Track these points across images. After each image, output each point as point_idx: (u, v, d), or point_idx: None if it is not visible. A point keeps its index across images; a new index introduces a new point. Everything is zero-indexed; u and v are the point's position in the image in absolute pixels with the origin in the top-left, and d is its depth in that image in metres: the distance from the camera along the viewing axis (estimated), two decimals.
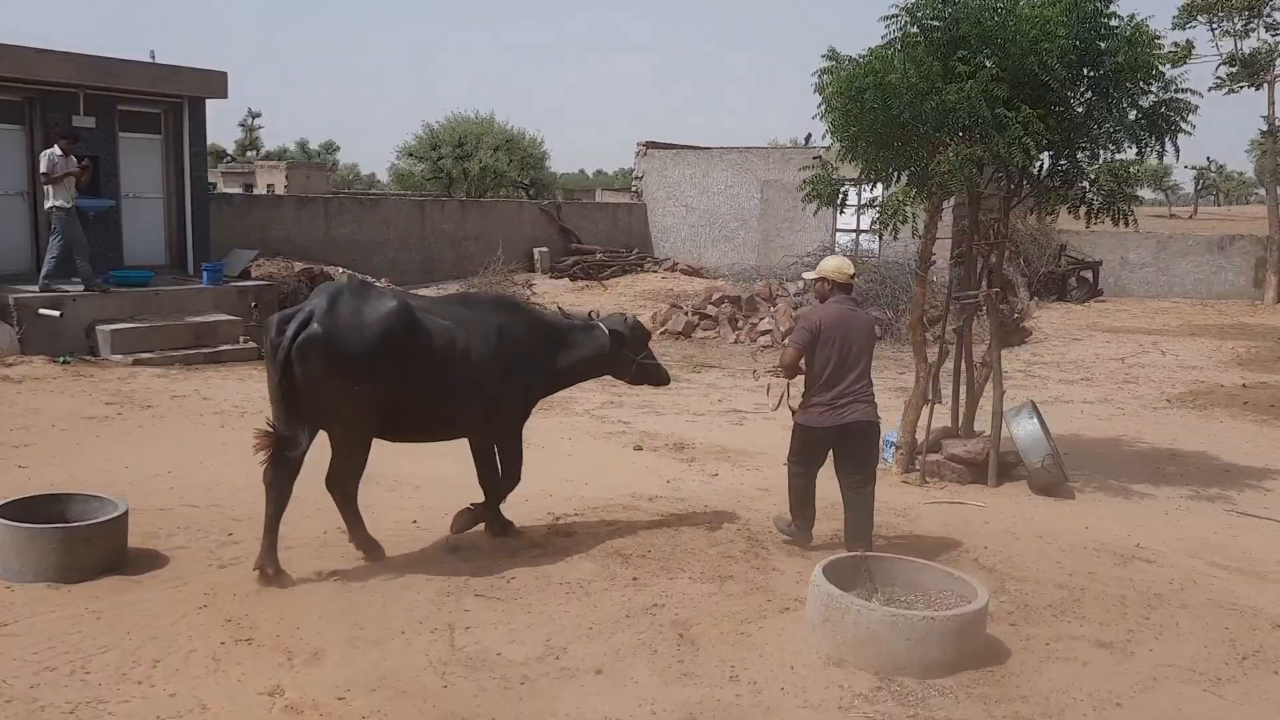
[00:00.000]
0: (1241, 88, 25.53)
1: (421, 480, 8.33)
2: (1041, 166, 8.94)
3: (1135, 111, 8.45)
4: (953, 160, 7.94)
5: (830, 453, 6.85)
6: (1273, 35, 25.31)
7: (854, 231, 26.32)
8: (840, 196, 8.86)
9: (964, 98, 7.93)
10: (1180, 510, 8.63)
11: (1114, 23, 8.13)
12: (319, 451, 6.17)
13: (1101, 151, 8.75)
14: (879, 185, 9.31)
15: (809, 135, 21.82)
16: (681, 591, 6.10)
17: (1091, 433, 11.61)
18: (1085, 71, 8.30)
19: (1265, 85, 25.61)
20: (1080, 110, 8.63)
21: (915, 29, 8.45)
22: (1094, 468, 9.87)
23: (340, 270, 20.05)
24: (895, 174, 8.77)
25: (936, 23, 8.37)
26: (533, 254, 25.70)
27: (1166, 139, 8.43)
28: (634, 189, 30.46)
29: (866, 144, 8.46)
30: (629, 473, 9.20)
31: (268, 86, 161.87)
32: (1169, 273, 27.34)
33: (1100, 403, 13.40)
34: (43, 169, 13.47)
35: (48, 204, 13.59)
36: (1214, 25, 25.47)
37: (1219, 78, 25.78)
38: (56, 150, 13.51)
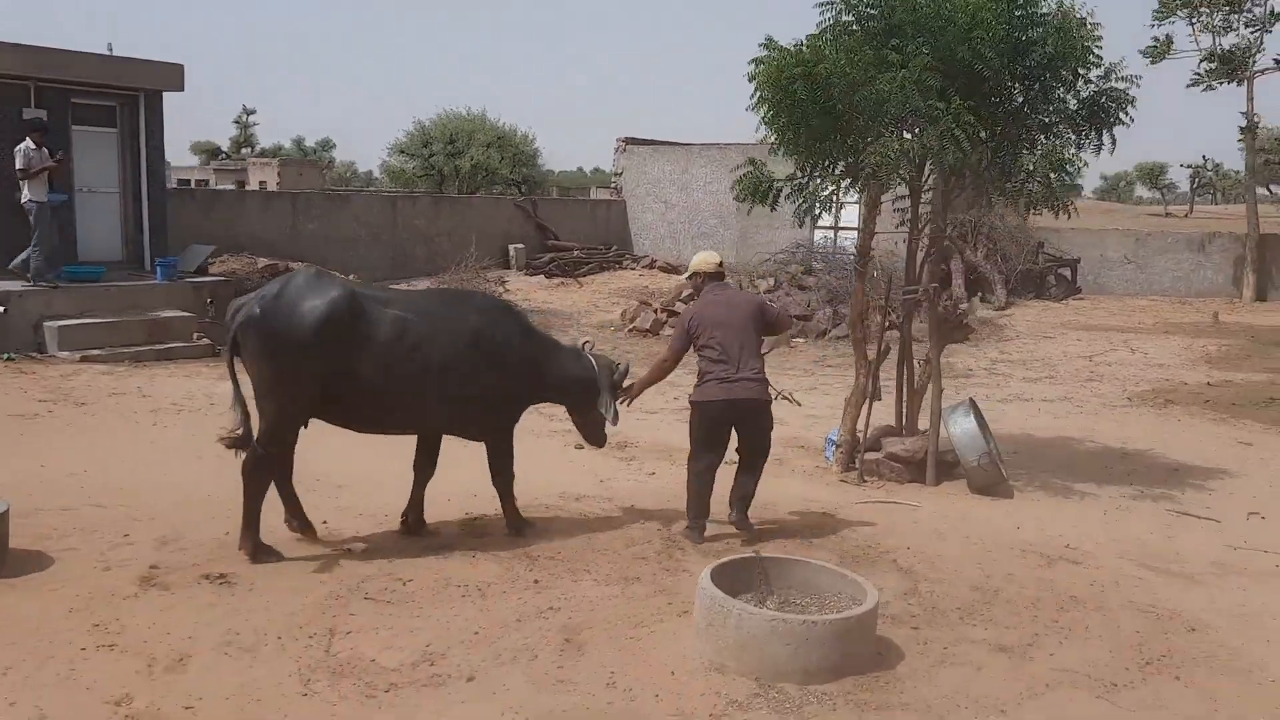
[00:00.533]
0: (1221, 84, 25.32)
1: (346, 479, 8.19)
2: (980, 158, 8.78)
3: (1074, 101, 8.29)
4: (882, 152, 7.78)
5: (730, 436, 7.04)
6: (1252, 31, 25.13)
7: (832, 229, 26.18)
8: (774, 194, 8.68)
9: (896, 88, 7.76)
10: (1120, 510, 8.47)
11: (1043, 9, 7.96)
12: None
13: (1041, 141, 8.58)
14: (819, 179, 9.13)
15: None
16: (582, 594, 5.94)
17: (1045, 431, 11.46)
18: (1020, 61, 8.12)
19: (1245, 82, 25.41)
20: (1019, 101, 8.48)
21: (850, 17, 8.29)
22: (1040, 467, 9.72)
23: (306, 266, 19.88)
24: (832, 167, 8.60)
25: (872, 10, 8.20)
26: (508, 250, 25.52)
27: (1104, 131, 8.26)
28: (613, 185, 30.29)
29: (798, 135, 8.28)
30: (564, 472, 9.05)
31: (266, 83, 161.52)
32: (1148, 270, 27.17)
33: (1060, 401, 13.24)
34: (19, 165, 13.43)
35: (24, 199, 13.55)
36: (1193, 20, 25.26)
37: (1197, 73, 25.59)
38: (30, 144, 13.50)
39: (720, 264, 7.25)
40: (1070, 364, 16.23)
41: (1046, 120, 8.43)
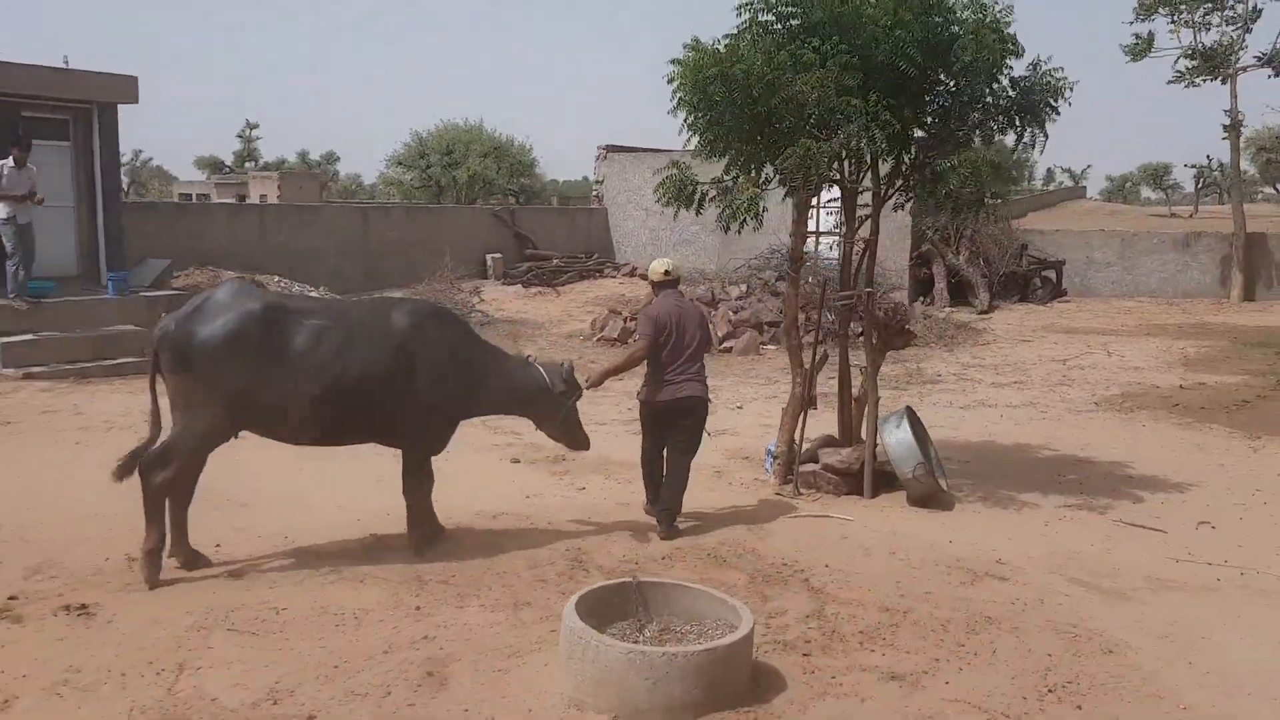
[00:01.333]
0: (1203, 81, 24.96)
1: (252, 498, 7.91)
2: (908, 159, 8.49)
3: (1005, 96, 7.99)
4: (799, 154, 7.49)
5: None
6: (1234, 28, 24.77)
7: (814, 234, 25.86)
8: (699, 198, 8.39)
9: (814, 88, 7.48)
10: (1062, 521, 8.15)
11: (962, 14, 7.66)
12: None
13: (974, 138, 8.29)
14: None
15: None
16: (465, 622, 5.64)
17: (1003, 438, 11.14)
18: (944, 59, 7.83)
19: (1229, 79, 25.05)
20: (947, 100, 8.19)
21: (770, 16, 8.00)
22: (987, 476, 9.40)
23: (275, 279, 19.64)
24: (756, 170, 8.31)
25: (791, 9, 7.91)
26: (486, 261, 25.25)
27: (1030, 126, 7.96)
28: (595, 193, 30.02)
29: (717, 137, 8.00)
30: (492, 487, 8.74)
31: (270, 98, 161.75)
32: (1135, 271, 26.80)
33: (1025, 406, 12.91)
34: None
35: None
36: (1174, 18, 24.91)
37: (1179, 71, 25.23)
38: (10, 161, 13.39)
39: (668, 271, 7.57)
40: (1043, 368, 15.89)
41: (978, 117, 8.13)
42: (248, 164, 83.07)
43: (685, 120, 8.05)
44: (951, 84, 8.15)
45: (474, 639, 5.38)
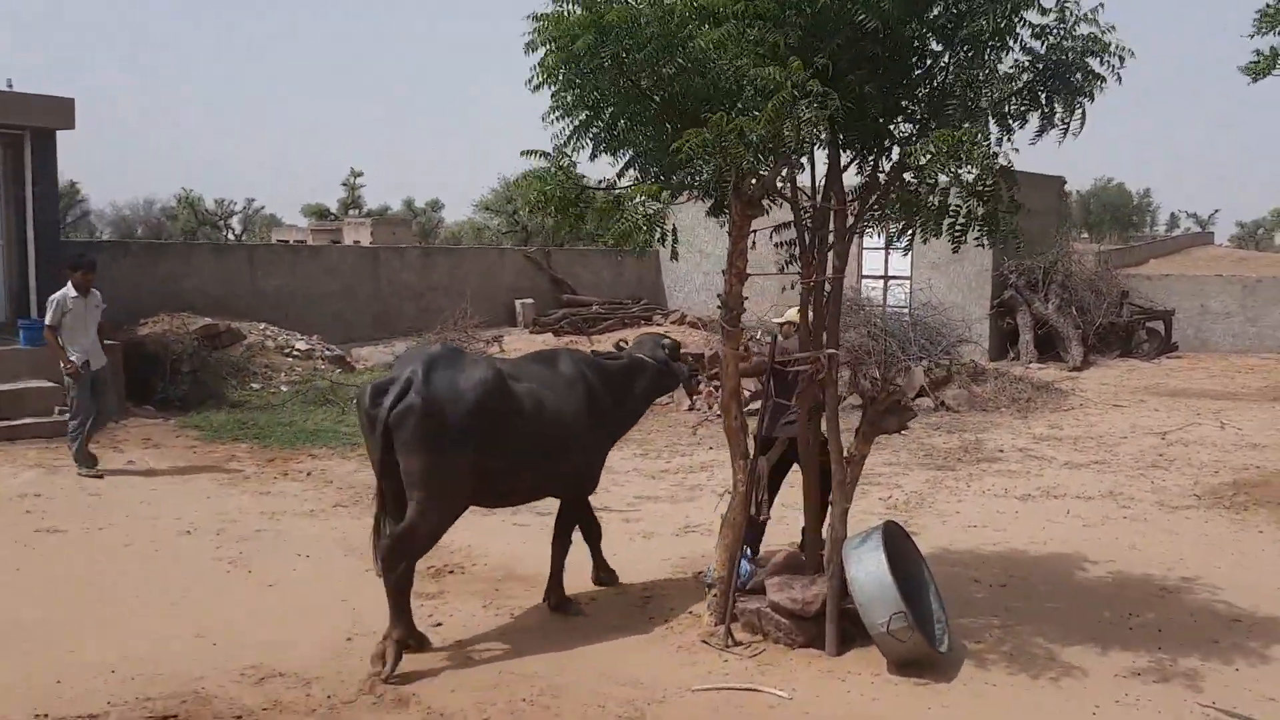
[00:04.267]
0: None
1: None
2: (887, 164, 5.89)
3: (1021, 64, 5.33)
4: (694, 141, 4.94)
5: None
6: None
7: (880, 278, 23.01)
8: (582, 206, 5.87)
9: (723, 46, 4.95)
10: (1123, 704, 5.34)
11: None
12: None
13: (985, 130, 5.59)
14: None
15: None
16: None
17: (1064, 546, 8.27)
18: (931, 10, 5.23)
19: None
20: (940, 72, 5.56)
21: None
22: (1026, 614, 6.62)
23: (262, 327, 17.68)
24: (657, 171, 5.81)
25: None
26: (515, 306, 23.02)
27: (1058, 102, 5.28)
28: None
29: (598, 121, 5.51)
30: (309, 618, 6.34)
31: (373, 147, 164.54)
32: (1260, 323, 23.14)
33: (1102, 498, 9.94)
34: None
35: None
36: None
37: None
38: (69, 290, 10.47)
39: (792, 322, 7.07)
40: (1135, 443, 12.79)
41: (989, 98, 5.46)
42: (351, 211, 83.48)
43: (552, 100, 5.58)
44: (947, 56, 5.56)
45: None
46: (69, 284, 10.46)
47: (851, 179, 6.23)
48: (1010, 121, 5.58)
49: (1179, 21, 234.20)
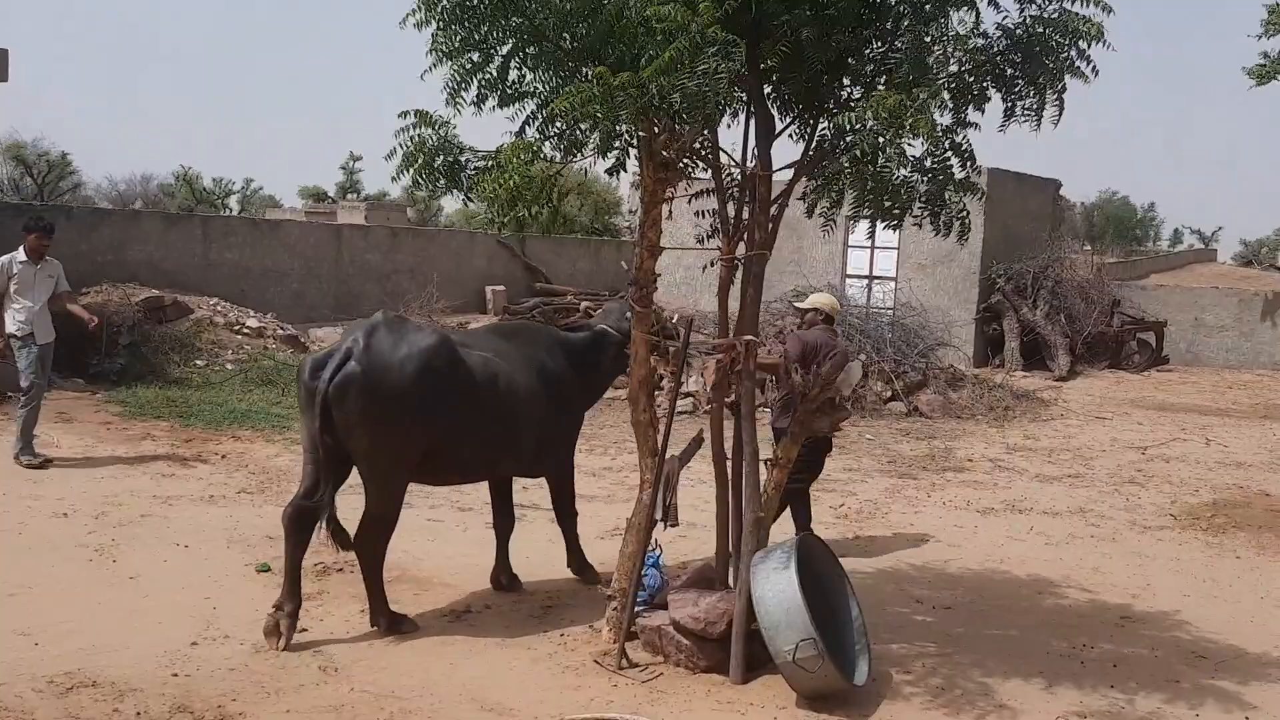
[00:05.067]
0: None
1: None
2: (829, 127, 5.17)
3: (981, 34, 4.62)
4: (579, 93, 4.21)
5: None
6: None
7: (866, 278, 22.25)
8: (461, 174, 5.12)
9: None
10: None
11: None
12: None
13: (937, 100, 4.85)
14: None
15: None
16: None
17: (1020, 568, 7.56)
18: None
19: None
20: (891, 26, 4.84)
21: None
22: (966, 642, 5.91)
23: (213, 302, 16.94)
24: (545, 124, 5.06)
25: None
26: (485, 293, 22.27)
27: (1024, 83, 4.58)
28: (627, 225, 26.96)
29: (476, 66, 4.77)
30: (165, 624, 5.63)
31: (376, 131, 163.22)
32: (1255, 338, 22.42)
33: (1071, 514, 9.22)
34: None
35: None
36: None
37: None
38: (19, 254, 9.45)
39: (818, 309, 7.63)
40: (1113, 457, 12.07)
41: (945, 66, 4.75)
42: (349, 195, 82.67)
43: (433, 42, 4.84)
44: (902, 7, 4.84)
45: None
46: (19, 248, 9.58)
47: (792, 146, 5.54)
48: (970, 94, 4.86)
49: (1194, 33, 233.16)
